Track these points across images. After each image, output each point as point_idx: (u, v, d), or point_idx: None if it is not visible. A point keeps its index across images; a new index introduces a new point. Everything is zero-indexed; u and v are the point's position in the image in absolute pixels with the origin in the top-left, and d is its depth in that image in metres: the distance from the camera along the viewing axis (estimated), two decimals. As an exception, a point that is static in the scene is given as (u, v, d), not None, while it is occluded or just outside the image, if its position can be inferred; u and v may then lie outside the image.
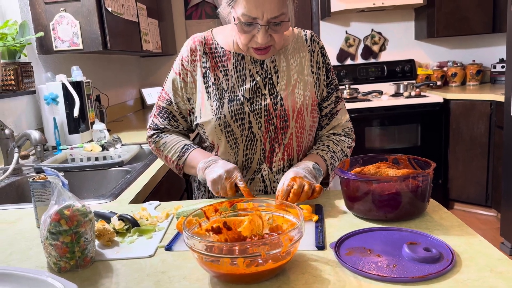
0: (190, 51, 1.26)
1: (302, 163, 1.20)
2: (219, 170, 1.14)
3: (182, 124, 1.31)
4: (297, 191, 1.07)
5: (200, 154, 1.24)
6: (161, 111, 1.30)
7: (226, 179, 1.13)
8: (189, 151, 1.26)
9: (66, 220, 0.82)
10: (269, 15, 1.08)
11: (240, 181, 1.13)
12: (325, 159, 1.25)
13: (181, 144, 1.28)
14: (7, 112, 2.00)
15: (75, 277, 0.82)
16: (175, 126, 1.31)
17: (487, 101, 3.38)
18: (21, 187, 1.66)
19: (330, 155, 1.26)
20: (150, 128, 1.33)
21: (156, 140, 1.31)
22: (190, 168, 1.26)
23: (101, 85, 3.09)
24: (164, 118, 1.30)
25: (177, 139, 1.29)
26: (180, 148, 1.27)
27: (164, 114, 1.30)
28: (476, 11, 3.75)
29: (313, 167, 1.17)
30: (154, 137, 1.32)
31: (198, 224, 0.85)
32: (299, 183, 1.08)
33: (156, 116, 1.32)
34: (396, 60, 4.15)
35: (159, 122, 1.31)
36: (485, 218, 3.55)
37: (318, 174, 1.18)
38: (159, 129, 1.31)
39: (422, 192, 0.98)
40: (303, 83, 1.25)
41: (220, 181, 1.13)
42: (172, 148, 1.28)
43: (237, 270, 0.72)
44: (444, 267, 0.75)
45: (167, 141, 1.29)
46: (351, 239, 0.90)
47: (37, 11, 2.25)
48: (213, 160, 1.20)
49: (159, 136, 1.31)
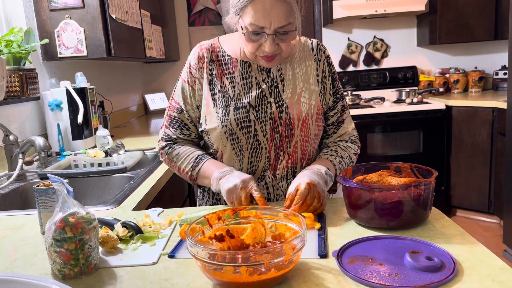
0: (197, 59, 1.27)
1: (314, 167, 1.19)
2: (235, 180, 1.14)
3: (194, 132, 1.31)
4: (309, 202, 1.08)
5: (214, 165, 1.24)
6: (172, 121, 1.30)
7: (241, 189, 1.13)
8: (203, 161, 1.25)
9: (71, 227, 0.83)
10: (276, 24, 1.09)
11: (256, 191, 1.13)
12: (334, 164, 1.26)
13: (195, 154, 1.27)
14: (12, 118, 2.01)
15: (79, 284, 0.82)
16: (188, 134, 1.30)
17: (489, 108, 3.38)
18: (25, 193, 1.67)
19: (338, 160, 1.27)
20: (162, 140, 1.31)
21: (169, 151, 1.29)
22: (204, 178, 1.25)
23: (104, 91, 3.11)
24: (176, 128, 1.29)
25: (190, 150, 1.28)
26: (193, 158, 1.26)
27: (176, 124, 1.29)
28: (478, 18, 3.76)
29: (325, 172, 1.18)
30: (166, 148, 1.30)
31: (201, 232, 0.86)
32: (313, 193, 1.09)
33: (167, 126, 1.31)
34: (398, 67, 4.17)
35: (171, 133, 1.30)
36: (487, 225, 3.54)
37: (330, 180, 1.19)
38: (172, 140, 1.30)
39: (424, 200, 0.98)
40: (308, 92, 1.25)
41: (236, 190, 1.13)
42: (186, 159, 1.27)
43: (240, 279, 0.73)
44: (446, 276, 0.75)
45: (180, 152, 1.28)
46: (354, 247, 0.90)
47: (42, 18, 2.27)
48: (228, 170, 1.19)
49: (171, 148, 1.29)
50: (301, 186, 1.09)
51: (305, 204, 1.08)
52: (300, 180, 1.12)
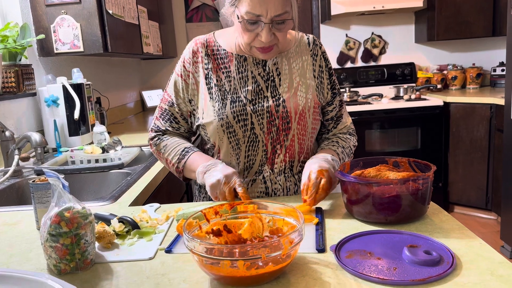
0: (192, 53, 1.27)
1: (321, 155, 1.20)
2: (218, 175, 1.13)
3: (183, 126, 1.31)
4: (326, 186, 1.08)
5: (200, 158, 1.24)
6: (163, 113, 1.31)
7: (224, 184, 1.12)
8: (189, 154, 1.25)
9: (66, 222, 0.82)
10: (273, 12, 1.09)
11: (239, 186, 1.12)
12: (337, 153, 1.26)
13: (182, 147, 1.27)
14: (8, 114, 2.00)
15: (75, 279, 0.81)
16: (177, 128, 1.31)
17: (487, 104, 3.38)
18: (21, 189, 1.66)
19: (341, 150, 1.28)
20: (152, 130, 1.33)
21: (157, 142, 1.31)
22: (190, 171, 1.25)
23: (101, 88, 3.09)
24: (165, 120, 1.30)
25: (178, 142, 1.29)
26: (180, 150, 1.27)
27: (166, 116, 1.30)
28: (476, 14, 3.76)
29: (331, 159, 1.18)
30: (155, 139, 1.31)
31: (199, 227, 0.85)
32: (328, 178, 1.09)
33: (158, 118, 1.32)
34: (396, 63, 4.16)
35: (161, 124, 1.31)
36: (485, 221, 3.55)
37: (337, 165, 1.18)
38: (161, 131, 1.31)
39: (422, 195, 0.98)
40: (305, 86, 1.25)
41: (219, 186, 1.13)
42: (173, 150, 1.27)
43: (237, 273, 0.72)
44: (445, 270, 0.75)
45: (167, 143, 1.29)
46: (352, 242, 0.89)
47: (38, 13, 2.25)
48: (212, 164, 1.19)
49: (160, 139, 1.31)
50: (312, 175, 1.09)
51: (323, 190, 1.08)
52: (310, 168, 1.12)
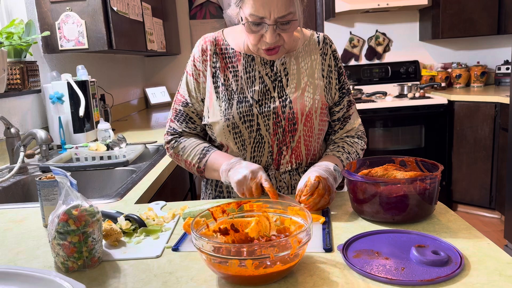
0: (201, 51, 1.26)
1: (322, 164, 1.17)
2: (244, 171, 1.12)
3: (199, 125, 1.29)
4: (321, 192, 1.05)
5: (221, 156, 1.22)
6: (178, 114, 1.28)
7: (251, 179, 1.11)
8: (210, 153, 1.23)
9: (74, 220, 0.82)
10: (276, 14, 1.08)
11: (266, 181, 1.10)
12: (341, 160, 1.24)
13: (201, 146, 1.25)
14: (13, 111, 2.00)
15: (82, 277, 0.82)
16: (193, 128, 1.29)
17: (491, 103, 3.37)
18: (26, 185, 1.66)
19: (345, 156, 1.26)
20: (168, 134, 1.30)
21: (175, 145, 1.27)
22: (212, 170, 1.23)
23: (105, 85, 3.09)
24: (181, 122, 1.28)
25: (196, 142, 1.27)
26: (200, 150, 1.24)
27: (181, 117, 1.28)
28: (481, 12, 3.74)
29: (334, 169, 1.15)
30: (172, 142, 1.28)
31: (206, 225, 0.85)
32: (324, 185, 1.06)
33: (172, 120, 1.29)
34: (400, 61, 4.15)
35: (177, 126, 1.28)
36: (488, 220, 3.54)
37: (339, 176, 1.16)
38: (177, 134, 1.29)
39: (429, 194, 0.97)
40: (313, 87, 1.24)
41: (246, 182, 1.11)
42: (192, 151, 1.25)
43: (245, 272, 0.72)
44: (453, 271, 0.75)
45: (185, 145, 1.26)
46: (359, 241, 0.89)
47: (43, 10, 2.25)
48: (236, 161, 1.17)
49: (177, 141, 1.28)
50: (311, 179, 1.07)
51: (318, 195, 1.04)
52: (309, 175, 1.10)
